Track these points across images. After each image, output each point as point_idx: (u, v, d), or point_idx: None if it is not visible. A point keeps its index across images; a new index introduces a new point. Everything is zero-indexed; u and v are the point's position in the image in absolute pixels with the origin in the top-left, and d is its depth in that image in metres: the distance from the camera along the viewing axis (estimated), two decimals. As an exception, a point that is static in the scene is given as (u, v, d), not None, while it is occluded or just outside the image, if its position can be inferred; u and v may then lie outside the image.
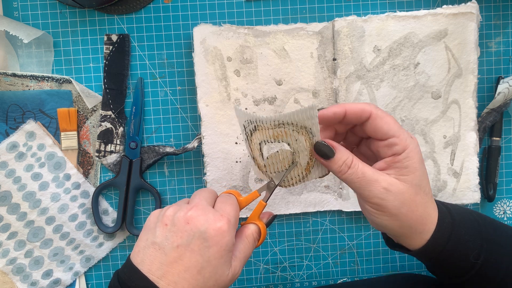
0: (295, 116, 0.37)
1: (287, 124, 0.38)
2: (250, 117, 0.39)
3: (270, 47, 0.56)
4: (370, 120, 0.38)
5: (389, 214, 0.39)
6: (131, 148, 0.57)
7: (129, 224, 0.58)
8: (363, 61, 0.56)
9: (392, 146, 0.38)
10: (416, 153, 0.38)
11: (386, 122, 0.38)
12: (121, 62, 0.57)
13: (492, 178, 0.59)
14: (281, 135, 0.39)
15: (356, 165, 0.39)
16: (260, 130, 0.39)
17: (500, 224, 0.44)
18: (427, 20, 0.55)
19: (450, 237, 0.39)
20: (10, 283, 0.57)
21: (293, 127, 0.38)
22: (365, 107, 0.38)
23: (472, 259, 0.40)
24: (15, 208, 0.56)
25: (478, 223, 0.41)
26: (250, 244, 0.42)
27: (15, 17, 0.56)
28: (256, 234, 0.42)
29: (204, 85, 0.56)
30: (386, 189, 0.38)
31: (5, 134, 0.56)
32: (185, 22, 0.57)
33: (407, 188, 0.38)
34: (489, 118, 0.59)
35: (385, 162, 0.39)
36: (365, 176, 0.38)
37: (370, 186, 0.38)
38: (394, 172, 0.39)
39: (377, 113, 0.38)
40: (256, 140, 0.40)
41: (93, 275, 0.59)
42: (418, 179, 0.38)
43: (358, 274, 0.62)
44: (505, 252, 0.41)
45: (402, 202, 0.38)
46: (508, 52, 0.60)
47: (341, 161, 0.39)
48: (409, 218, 0.39)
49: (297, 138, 0.38)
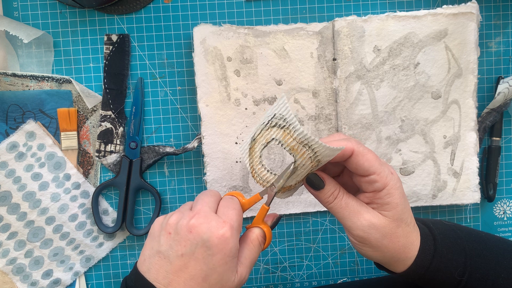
0: (323, 149, 0.37)
1: (310, 149, 0.38)
2: (289, 117, 0.37)
3: (270, 47, 0.56)
4: (352, 158, 0.39)
5: (371, 246, 0.40)
6: (131, 148, 0.57)
7: (129, 224, 0.58)
8: (363, 61, 0.56)
9: (372, 182, 0.39)
10: (396, 189, 0.39)
11: (367, 160, 0.38)
12: (121, 62, 0.57)
13: (492, 178, 0.59)
14: (297, 152, 0.38)
15: (341, 196, 0.40)
16: (285, 134, 0.38)
17: (486, 236, 0.45)
18: (427, 20, 0.55)
19: (433, 259, 0.41)
20: (10, 283, 0.57)
21: (311, 154, 0.38)
22: (347, 144, 0.38)
23: (457, 276, 0.41)
24: (15, 208, 0.56)
25: (462, 239, 0.42)
26: (255, 248, 0.41)
27: (15, 17, 0.56)
28: (261, 238, 0.42)
29: (204, 85, 0.56)
30: (370, 221, 0.39)
31: (5, 134, 0.56)
32: (185, 22, 0.57)
33: (389, 222, 0.39)
34: (489, 118, 0.59)
35: (367, 197, 0.40)
36: (349, 207, 0.40)
37: (353, 217, 0.40)
38: (376, 206, 0.40)
39: (359, 150, 0.38)
40: (274, 134, 0.39)
41: (93, 275, 0.59)
42: (399, 214, 0.40)
43: (358, 274, 0.62)
44: (490, 266, 0.42)
45: (384, 235, 0.39)
46: (508, 52, 0.60)
47: (329, 192, 0.40)
48: (391, 249, 0.40)
49: (305, 164, 0.39)
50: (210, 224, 0.38)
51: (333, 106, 0.57)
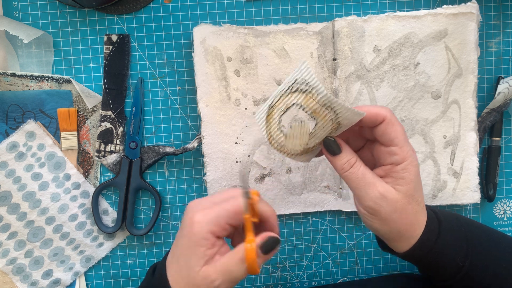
0: (346, 110, 0.38)
1: (332, 110, 0.38)
2: (312, 80, 0.38)
3: (270, 47, 0.56)
4: (382, 124, 0.39)
5: (380, 218, 0.41)
6: (131, 148, 0.57)
7: (129, 224, 0.58)
8: (363, 61, 0.56)
9: (392, 154, 0.40)
10: (413, 166, 0.40)
11: (395, 130, 0.39)
12: (121, 62, 0.57)
13: (492, 178, 0.59)
14: (319, 114, 0.39)
15: (358, 166, 0.41)
16: (308, 98, 0.38)
17: (490, 230, 0.46)
18: (427, 20, 0.55)
19: (437, 239, 0.42)
20: (10, 283, 0.57)
21: (333, 116, 0.38)
22: (381, 111, 0.39)
23: (459, 262, 0.42)
24: (15, 208, 0.56)
25: (465, 228, 0.43)
26: (234, 260, 0.38)
27: (15, 17, 0.56)
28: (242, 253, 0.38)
29: (204, 85, 0.56)
30: (382, 194, 0.40)
31: (5, 134, 0.56)
32: (185, 22, 0.57)
33: (401, 197, 0.40)
34: (489, 118, 0.59)
35: (383, 170, 0.41)
36: (365, 178, 0.40)
37: (367, 188, 0.40)
38: (391, 180, 0.40)
39: (391, 119, 0.39)
40: (294, 99, 0.39)
41: (93, 275, 0.59)
42: (412, 191, 0.40)
43: (358, 274, 0.62)
44: (492, 258, 0.43)
45: (394, 209, 0.40)
46: (508, 52, 0.60)
47: (345, 159, 0.41)
48: (399, 224, 0.41)
49: (326, 125, 0.39)
50: (196, 208, 0.39)
51: (333, 106, 0.57)
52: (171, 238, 0.60)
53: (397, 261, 0.62)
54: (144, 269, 0.60)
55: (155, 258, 0.60)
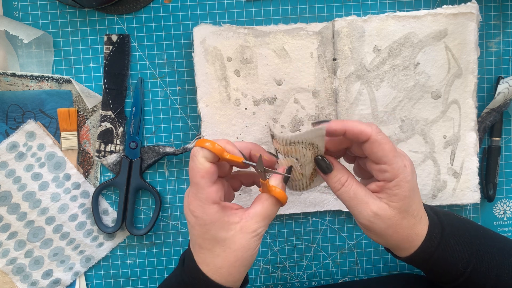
0: (305, 136, 0.39)
1: (297, 143, 0.40)
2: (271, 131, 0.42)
3: (270, 47, 0.56)
4: (367, 143, 0.39)
5: (376, 234, 0.41)
6: (131, 148, 0.57)
7: (129, 224, 0.58)
8: (363, 61, 0.56)
9: (383, 172, 0.40)
10: (406, 182, 0.39)
11: (382, 149, 0.39)
12: (121, 62, 0.57)
13: (492, 178, 0.59)
14: (291, 152, 0.41)
15: (349, 185, 0.41)
16: (276, 142, 0.41)
17: (494, 234, 0.46)
18: (427, 20, 0.55)
19: (439, 246, 0.41)
20: (10, 283, 0.57)
21: (303, 145, 0.40)
22: (365, 129, 0.39)
23: (461, 268, 0.42)
24: (15, 208, 0.56)
25: (470, 233, 0.43)
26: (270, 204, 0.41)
27: (15, 17, 0.56)
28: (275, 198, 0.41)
29: (204, 85, 0.56)
30: (375, 213, 0.40)
31: (5, 134, 0.56)
32: (185, 22, 0.57)
33: (394, 214, 0.40)
34: (489, 118, 0.59)
35: (377, 186, 0.41)
36: (356, 197, 0.40)
37: (359, 207, 0.40)
38: (384, 196, 0.40)
39: (376, 138, 0.39)
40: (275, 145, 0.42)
41: (93, 275, 0.59)
42: (406, 206, 0.40)
43: (358, 274, 0.62)
44: (495, 263, 0.43)
45: (388, 226, 0.40)
46: (508, 52, 0.60)
47: (336, 178, 0.41)
48: (395, 238, 0.41)
49: (305, 154, 0.41)
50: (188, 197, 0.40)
51: (333, 106, 0.57)
52: (171, 238, 0.60)
53: (397, 261, 0.62)
54: (144, 269, 0.60)
55: (155, 258, 0.60)
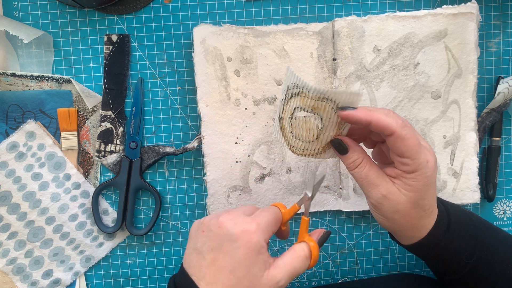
0: (340, 95, 0.39)
1: (329, 100, 0.39)
2: (299, 81, 0.40)
3: (270, 47, 0.56)
4: (391, 138, 0.39)
5: (383, 215, 0.42)
6: (131, 148, 0.57)
7: (129, 224, 0.58)
8: (363, 61, 0.56)
9: (404, 165, 0.40)
10: (424, 177, 0.40)
11: (405, 145, 0.39)
12: (121, 62, 0.57)
13: (492, 178, 0.59)
14: (319, 108, 0.40)
15: (363, 167, 0.41)
16: (302, 98, 0.40)
17: (498, 230, 0.46)
18: (427, 20, 0.55)
19: (445, 235, 0.42)
20: (10, 283, 0.57)
21: (333, 105, 0.39)
22: (391, 125, 0.38)
23: (464, 259, 0.42)
24: (15, 208, 0.56)
25: (475, 226, 0.44)
26: (299, 258, 0.41)
27: (15, 17, 0.56)
28: (308, 251, 0.42)
29: (204, 85, 0.56)
30: (384, 196, 0.41)
31: (5, 134, 0.56)
32: (185, 22, 0.57)
33: (404, 201, 0.40)
34: (489, 118, 0.59)
35: (395, 172, 0.41)
36: (368, 179, 0.41)
37: (370, 188, 0.41)
38: (400, 183, 0.41)
39: (401, 133, 0.38)
40: (293, 104, 0.41)
41: (93, 275, 0.59)
42: (418, 198, 0.40)
43: (358, 274, 0.62)
44: (498, 257, 0.43)
45: (396, 210, 0.41)
46: (508, 52, 0.60)
47: (351, 159, 0.42)
48: (401, 224, 0.42)
49: (331, 117, 0.40)
50: (237, 220, 0.40)
51: (333, 106, 0.57)
52: (171, 238, 0.60)
53: (397, 261, 0.62)
54: (144, 269, 0.60)
55: (155, 258, 0.60)
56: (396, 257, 0.62)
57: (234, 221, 0.40)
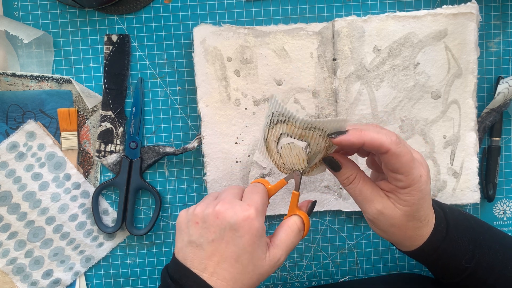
0: (328, 124, 0.39)
1: (316, 129, 0.40)
2: (285, 111, 0.40)
3: (270, 47, 0.56)
4: (386, 155, 0.39)
5: (380, 229, 0.42)
6: (131, 148, 0.57)
7: (129, 224, 0.58)
8: (363, 61, 0.56)
9: (398, 180, 0.40)
10: (418, 192, 0.39)
11: (399, 161, 0.38)
12: (121, 62, 0.57)
13: (492, 178, 0.59)
14: (306, 136, 0.41)
15: (356, 183, 0.42)
16: (289, 126, 0.41)
17: (496, 231, 0.46)
18: (427, 20, 0.55)
19: (444, 240, 0.42)
20: (10, 283, 0.57)
21: (320, 133, 0.40)
22: (385, 143, 0.38)
23: (464, 263, 0.42)
24: (15, 208, 0.56)
25: (473, 229, 0.44)
26: (293, 233, 0.43)
27: (15, 17, 0.56)
28: (300, 224, 0.43)
29: (204, 85, 0.56)
30: (379, 211, 0.41)
31: (5, 134, 0.56)
32: (185, 22, 0.57)
33: (400, 215, 0.40)
34: (489, 118, 0.59)
35: (389, 187, 0.41)
36: (362, 194, 0.41)
37: (365, 203, 0.41)
38: (394, 198, 0.41)
39: (395, 151, 0.38)
40: (279, 130, 0.42)
41: (93, 275, 0.59)
42: (413, 212, 0.40)
43: (358, 274, 0.62)
44: (498, 259, 0.43)
45: (392, 224, 0.41)
46: (508, 52, 0.60)
47: (344, 176, 0.42)
48: (398, 235, 0.42)
49: (319, 142, 0.41)
50: (235, 209, 0.40)
51: (333, 106, 0.57)
52: (171, 238, 0.60)
53: (397, 261, 0.62)
54: (144, 269, 0.60)
55: (155, 258, 0.60)
56: (396, 257, 0.62)
57: (232, 210, 0.40)
